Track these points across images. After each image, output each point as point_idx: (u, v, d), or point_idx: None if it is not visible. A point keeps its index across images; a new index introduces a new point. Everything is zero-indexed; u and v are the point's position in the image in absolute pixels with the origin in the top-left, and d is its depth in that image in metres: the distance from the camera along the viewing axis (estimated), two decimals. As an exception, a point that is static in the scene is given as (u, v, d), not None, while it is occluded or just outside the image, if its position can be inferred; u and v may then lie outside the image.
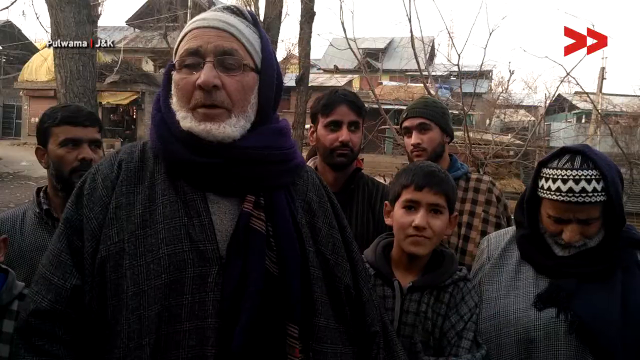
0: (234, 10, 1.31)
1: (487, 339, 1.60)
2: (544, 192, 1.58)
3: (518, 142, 12.32)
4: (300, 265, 1.24)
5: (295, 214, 1.29)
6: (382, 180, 2.71)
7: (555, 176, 1.54)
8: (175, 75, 1.26)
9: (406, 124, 2.37)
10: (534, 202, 1.64)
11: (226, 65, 1.23)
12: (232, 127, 1.22)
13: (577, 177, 1.51)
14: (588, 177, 1.50)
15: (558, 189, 1.53)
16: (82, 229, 1.22)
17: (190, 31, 1.27)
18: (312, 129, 2.19)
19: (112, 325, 1.15)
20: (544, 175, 1.59)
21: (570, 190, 1.51)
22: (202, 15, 1.30)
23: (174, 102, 1.26)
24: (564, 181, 1.52)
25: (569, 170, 1.53)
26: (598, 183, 1.50)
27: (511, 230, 1.80)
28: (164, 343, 1.13)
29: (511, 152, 11.83)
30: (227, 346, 1.13)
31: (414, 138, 2.32)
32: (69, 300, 1.20)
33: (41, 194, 1.95)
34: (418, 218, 1.60)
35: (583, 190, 1.50)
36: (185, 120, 1.22)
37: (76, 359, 1.21)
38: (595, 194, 1.50)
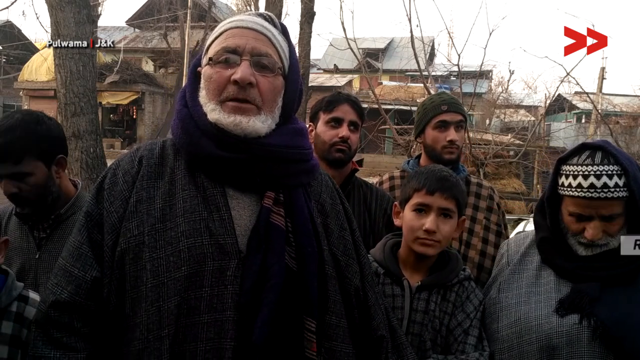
0: (266, 17, 1.36)
1: (508, 347, 1.57)
2: (565, 189, 1.55)
3: (518, 142, 12.32)
4: (317, 261, 1.26)
5: (312, 212, 1.31)
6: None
7: (576, 172, 1.51)
8: (207, 70, 1.29)
9: (445, 117, 2.28)
10: (554, 201, 1.62)
11: (261, 65, 1.28)
12: (261, 123, 1.26)
13: (598, 172, 1.48)
14: (609, 172, 1.48)
15: (579, 185, 1.50)
16: (102, 223, 1.25)
17: (227, 30, 1.31)
18: (311, 128, 2.22)
19: (130, 318, 1.17)
20: (564, 172, 1.56)
21: (592, 185, 1.48)
22: (239, 16, 1.34)
23: (203, 95, 1.29)
24: (585, 177, 1.49)
25: (589, 166, 1.50)
26: (620, 178, 1.48)
27: (531, 234, 1.77)
28: (182, 335, 1.15)
29: (511, 152, 11.83)
30: (245, 339, 1.15)
31: (453, 134, 2.26)
32: (89, 292, 1.21)
33: None
34: (428, 222, 1.62)
35: (605, 185, 1.47)
36: (214, 112, 1.25)
37: (94, 352, 1.22)
38: (617, 190, 1.47)
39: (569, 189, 1.53)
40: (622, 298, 1.49)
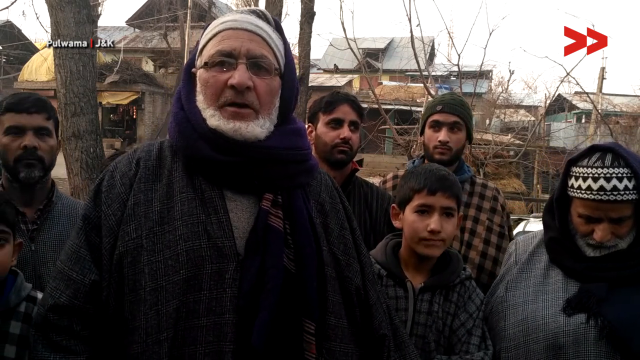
0: (259, 14, 1.33)
1: (515, 345, 1.58)
2: (574, 191, 1.55)
3: (518, 142, 12.31)
4: (316, 263, 1.25)
5: (311, 213, 1.30)
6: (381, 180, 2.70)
7: (586, 174, 1.52)
8: (203, 73, 1.27)
9: (438, 117, 2.28)
10: (564, 202, 1.62)
11: (258, 67, 1.26)
12: (260, 128, 1.25)
13: (608, 175, 1.49)
14: (619, 175, 1.48)
15: (589, 188, 1.50)
16: (100, 226, 1.24)
17: (220, 32, 1.29)
18: (310, 129, 2.20)
19: (129, 321, 1.17)
20: (574, 174, 1.56)
21: (602, 188, 1.48)
22: (232, 16, 1.32)
23: (201, 99, 1.28)
24: (595, 179, 1.50)
25: (599, 168, 1.50)
26: (629, 181, 1.48)
27: (539, 234, 1.77)
28: (181, 338, 1.14)
29: (511, 152, 11.83)
30: (244, 342, 1.15)
31: (444, 135, 2.24)
32: (88, 295, 1.21)
33: None
34: (433, 222, 1.62)
35: (614, 188, 1.47)
36: (213, 118, 1.24)
37: (94, 354, 1.22)
38: (627, 192, 1.48)
39: (578, 191, 1.54)
40: (629, 299, 1.50)
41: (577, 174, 1.55)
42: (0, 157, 1.87)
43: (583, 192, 1.52)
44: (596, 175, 1.50)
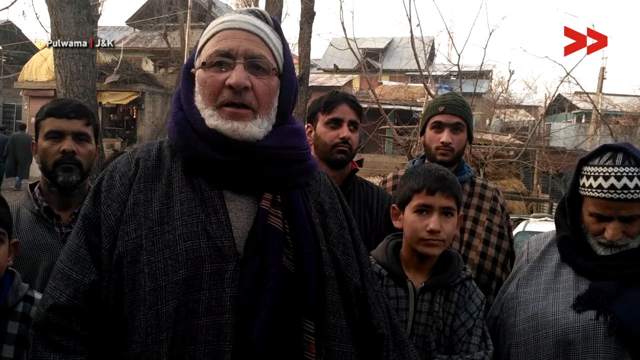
0: (257, 14, 1.33)
1: (524, 340, 1.60)
2: (585, 189, 1.58)
3: (518, 142, 12.30)
4: (315, 263, 1.25)
5: (310, 213, 1.31)
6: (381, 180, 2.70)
7: (597, 173, 1.55)
8: (201, 73, 1.28)
9: (440, 119, 2.28)
10: (575, 201, 1.64)
11: (256, 67, 1.26)
12: (257, 128, 1.25)
13: (618, 174, 1.51)
14: (630, 174, 1.51)
15: (600, 186, 1.53)
16: (100, 226, 1.24)
17: (219, 32, 1.29)
18: (309, 129, 2.20)
19: (128, 321, 1.17)
20: (585, 173, 1.59)
21: (612, 187, 1.51)
22: (230, 16, 1.32)
23: (199, 99, 1.28)
24: (606, 178, 1.52)
25: (610, 167, 1.53)
26: None
27: (551, 233, 1.80)
28: (181, 338, 1.15)
29: (511, 152, 11.82)
30: (244, 342, 1.15)
31: (447, 136, 2.24)
32: (87, 295, 1.22)
33: (36, 190, 1.94)
34: (432, 222, 1.62)
35: (625, 187, 1.50)
36: (212, 118, 1.24)
37: (93, 355, 1.22)
38: (637, 191, 1.50)
39: (589, 190, 1.56)
40: (639, 297, 1.52)
41: (589, 173, 1.57)
42: (39, 161, 1.92)
43: (594, 190, 1.54)
44: (607, 174, 1.52)
